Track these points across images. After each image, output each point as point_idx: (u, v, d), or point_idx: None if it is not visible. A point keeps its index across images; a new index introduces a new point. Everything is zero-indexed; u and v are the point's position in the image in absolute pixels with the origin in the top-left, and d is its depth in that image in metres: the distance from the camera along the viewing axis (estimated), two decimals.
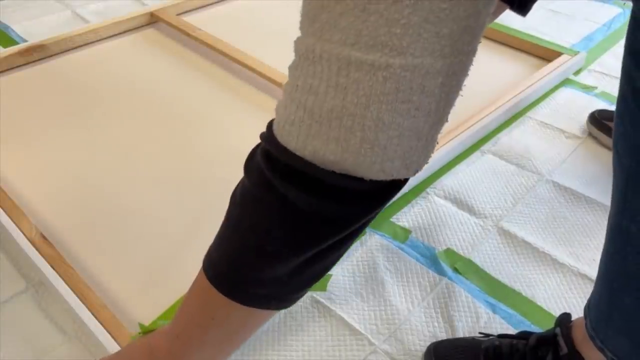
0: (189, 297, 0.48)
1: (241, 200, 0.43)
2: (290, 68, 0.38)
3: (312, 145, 0.36)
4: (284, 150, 0.37)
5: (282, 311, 0.73)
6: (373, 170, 0.36)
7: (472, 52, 0.35)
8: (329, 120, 0.35)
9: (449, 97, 0.36)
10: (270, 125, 0.40)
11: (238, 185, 0.44)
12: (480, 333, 0.68)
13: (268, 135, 0.40)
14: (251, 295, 0.43)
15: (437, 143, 0.39)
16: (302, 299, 0.73)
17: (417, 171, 0.38)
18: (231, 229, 0.44)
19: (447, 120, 0.38)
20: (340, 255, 0.44)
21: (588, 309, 0.55)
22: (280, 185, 0.38)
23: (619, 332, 0.50)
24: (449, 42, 0.33)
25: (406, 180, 0.39)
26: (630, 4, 0.46)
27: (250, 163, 0.42)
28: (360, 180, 0.36)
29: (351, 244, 0.43)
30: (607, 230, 0.50)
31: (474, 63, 0.37)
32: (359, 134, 0.35)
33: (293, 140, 0.37)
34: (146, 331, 0.67)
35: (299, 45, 0.37)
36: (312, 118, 0.36)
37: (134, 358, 0.53)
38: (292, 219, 0.39)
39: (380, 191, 0.39)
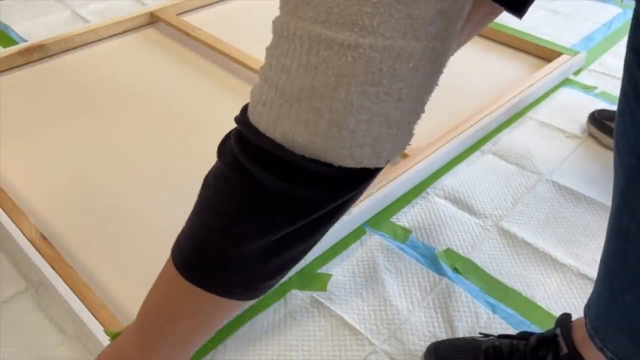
0: (155, 288, 0.48)
1: (212, 182, 0.42)
2: (267, 48, 0.37)
3: (282, 126, 0.35)
4: (256, 131, 0.37)
5: (282, 311, 0.73)
6: (341, 155, 0.35)
7: (447, 39, 0.34)
8: (298, 100, 0.34)
9: (422, 85, 0.34)
10: (245, 108, 0.40)
11: (211, 168, 0.43)
12: (480, 333, 0.68)
13: (241, 118, 0.39)
14: (215, 280, 0.42)
15: (414, 135, 0.37)
16: (302, 299, 0.74)
17: (388, 161, 0.37)
18: (198, 210, 0.43)
19: (423, 112, 0.36)
20: (310, 245, 0.43)
21: (588, 308, 0.55)
22: (249, 166, 0.38)
23: (619, 331, 0.50)
24: (421, 25, 0.32)
25: (378, 170, 0.38)
26: (631, 4, 0.46)
27: (224, 146, 0.42)
28: (329, 165, 0.36)
29: (321, 233, 0.42)
30: (608, 229, 0.50)
31: (475, 63, 0.36)
32: (327, 116, 0.34)
33: (264, 121, 0.36)
34: (114, 336, 0.65)
35: (275, 24, 0.36)
36: (282, 98, 0.35)
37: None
38: (259, 200, 0.39)
39: (350, 178, 0.38)
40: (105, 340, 0.65)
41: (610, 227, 0.49)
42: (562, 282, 0.78)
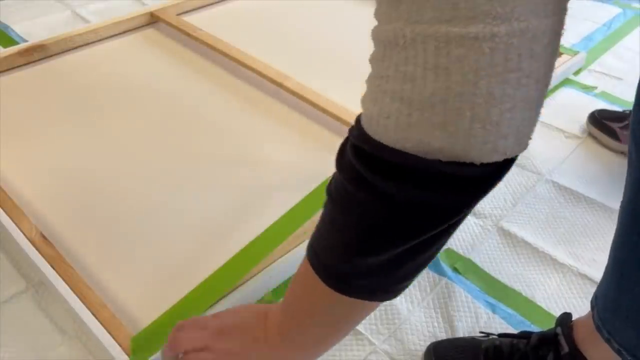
0: (296, 282, 0.48)
1: (336, 196, 0.41)
2: (374, 60, 0.35)
3: (414, 135, 0.34)
4: (380, 146, 0.35)
5: None
6: (485, 151, 0.34)
7: (566, 9, 0.34)
8: (431, 105, 0.33)
9: (552, 58, 0.34)
10: (358, 120, 0.38)
11: (332, 180, 0.42)
12: (481, 332, 0.68)
13: (358, 133, 0.37)
14: (354, 287, 0.42)
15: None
16: None
17: (526, 146, 0.36)
18: (329, 225, 0.43)
19: (549, 84, 0.35)
20: (444, 243, 0.42)
21: (595, 299, 0.54)
22: (378, 182, 0.36)
23: (627, 321, 0.50)
24: (551, 0, 0.31)
25: (515, 159, 0.37)
26: (631, 4, 0.47)
27: (342, 159, 0.40)
28: (470, 165, 0.34)
29: (455, 230, 0.41)
30: (619, 219, 0.49)
31: None
32: (468, 114, 0.32)
33: (391, 134, 0.34)
34: (137, 344, 0.65)
35: (382, 34, 0.34)
36: (411, 107, 0.33)
37: (247, 318, 0.52)
38: (391, 214, 0.38)
39: (491, 174, 0.37)
40: (105, 340, 0.65)
41: (622, 217, 0.48)
42: (562, 282, 0.78)
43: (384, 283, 0.43)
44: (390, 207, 0.37)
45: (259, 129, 1.03)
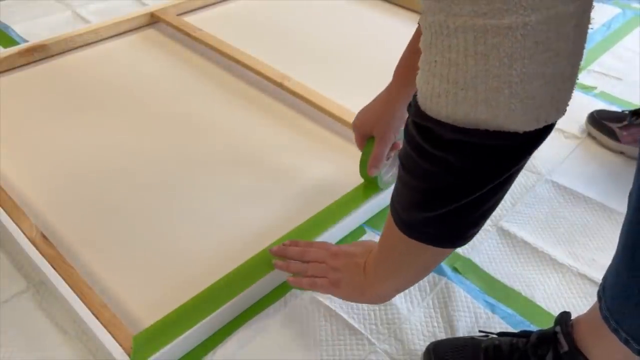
0: (385, 227, 0.58)
1: (404, 162, 0.49)
2: (424, 45, 0.41)
3: (461, 111, 0.39)
4: (434, 121, 0.42)
5: (282, 311, 0.73)
6: (524, 121, 0.39)
7: None
8: (474, 85, 0.38)
9: (582, 36, 0.39)
10: (415, 98, 0.44)
11: (402, 147, 0.49)
12: (480, 331, 0.68)
13: (416, 110, 0.44)
14: (424, 234, 0.51)
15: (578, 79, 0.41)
16: (302, 299, 0.74)
17: (564, 112, 0.41)
18: (401, 184, 0.51)
19: (583, 55, 0.40)
20: (502, 196, 0.48)
21: (603, 290, 0.54)
22: (433, 152, 0.44)
23: (637, 308, 0.50)
24: None
25: (555, 123, 0.42)
26: (630, 4, 0.49)
27: (407, 131, 0.47)
28: (514, 133, 0.39)
29: (509, 186, 0.48)
30: (629, 203, 0.51)
31: None
32: (506, 92, 0.37)
33: (442, 111, 0.41)
34: (139, 343, 0.65)
35: (429, 23, 0.39)
36: (457, 87, 0.39)
37: (358, 249, 0.67)
38: (448, 179, 0.45)
39: (533, 138, 0.41)
40: (105, 340, 0.65)
41: (633, 201, 0.50)
42: (562, 282, 0.78)
43: (450, 231, 0.50)
44: (447, 173, 0.44)
45: (259, 129, 1.03)
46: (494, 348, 0.63)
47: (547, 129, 0.41)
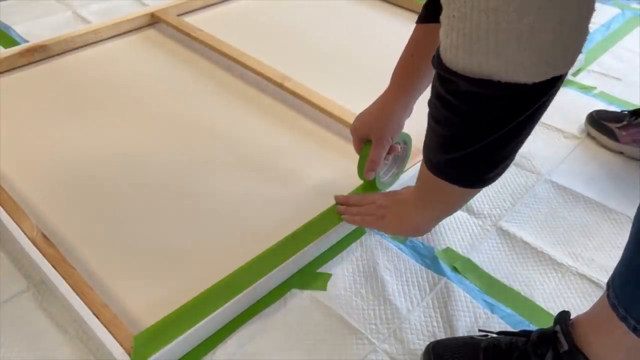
0: (420, 171, 0.65)
1: (430, 109, 0.55)
2: (445, 2, 0.44)
3: (475, 62, 0.43)
4: (453, 72, 0.46)
5: (282, 310, 0.73)
6: (533, 73, 0.42)
7: None
8: (486, 38, 0.41)
9: None
10: (438, 51, 0.48)
11: (431, 94, 0.55)
12: (480, 330, 0.68)
13: (438, 62, 0.48)
14: (449, 175, 0.58)
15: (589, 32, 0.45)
16: (302, 298, 0.74)
17: (572, 65, 0.45)
18: (428, 128, 0.57)
19: (594, 8, 0.43)
20: (522, 141, 0.53)
21: (613, 279, 0.54)
22: (453, 101, 0.49)
23: None
24: None
25: (565, 75, 0.46)
26: (630, 5, 0.52)
27: (433, 82, 0.53)
28: (524, 85, 0.43)
29: (528, 130, 0.52)
30: None
31: None
32: (515, 44, 0.40)
33: (459, 62, 0.45)
34: (139, 343, 0.65)
35: None
36: (471, 40, 0.42)
37: (404, 189, 0.78)
38: (466, 126, 0.51)
39: (543, 88, 0.45)
40: (106, 340, 0.65)
41: None
42: (561, 282, 0.78)
43: (470, 174, 0.57)
44: (464, 121, 0.50)
45: (259, 129, 1.03)
46: (494, 347, 0.63)
47: (556, 81, 0.44)
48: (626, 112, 1.02)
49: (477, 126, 0.50)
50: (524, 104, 0.47)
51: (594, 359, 0.56)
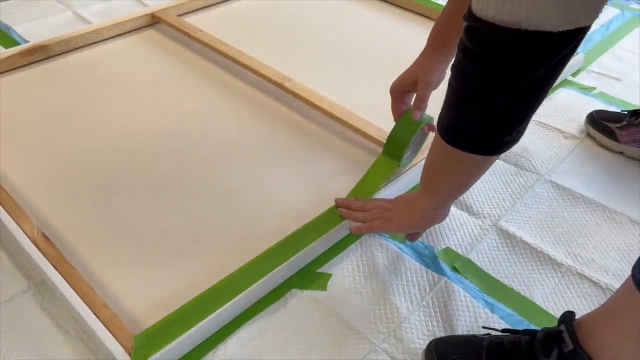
0: (431, 152, 0.68)
1: (452, 68, 0.57)
2: None
3: (506, 9, 0.47)
4: (483, 22, 0.49)
5: (282, 310, 0.73)
6: (559, 21, 0.46)
7: None
8: None
9: None
10: (469, 5, 0.51)
11: (454, 60, 0.57)
12: (484, 327, 0.68)
13: (469, 14, 0.51)
14: (465, 141, 0.59)
15: None
16: (302, 298, 0.74)
17: (596, 18, 0.47)
18: (447, 94, 0.59)
19: None
20: (541, 99, 0.55)
21: (638, 263, 0.54)
22: (477, 50, 0.52)
23: None
24: None
25: (588, 28, 0.49)
26: (629, 5, 0.54)
27: (459, 42, 0.55)
28: (549, 33, 0.46)
29: (549, 86, 0.54)
30: None
31: None
32: None
33: (490, 11, 0.48)
34: (140, 343, 0.65)
35: None
36: None
37: (408, 194, 0.78)
38: (490, 72, 0.53)
39: (565, 40, 0.48)
40: (106, 340, 0.65)
41: None
42: (561, 282, 0.79)
43: (487, 134, 0.58)
44: (489, 71, 0.53)
45: (260, 129, 1.03)
46: (497, 345, 0.63)
47: (579, 33, 0.48)
48: (626, 112, 1.02)
49: (501, 76, 0.52)
50: (548, 53, 0.49)
51: (599, 359, 0.56)
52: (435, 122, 0.71)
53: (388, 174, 0.88)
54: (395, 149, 0.88)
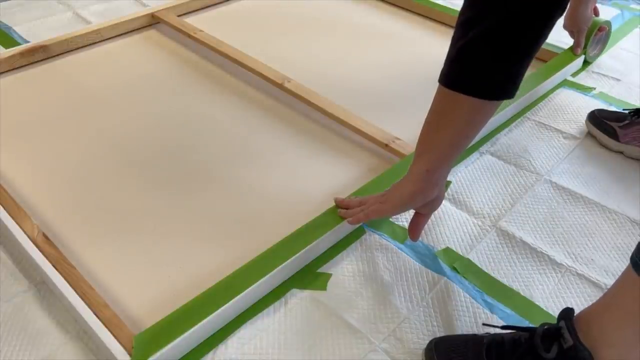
0: (429, 111, 0.66)
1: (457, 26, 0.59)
2: None
3: None
4: None
5: (282, 310, 0.73)
6: None
7: None
8: None
9: None
10: None
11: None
12: (484, 324, 0.68)
13: None
14: (466, 83, 0.59)
15: None
16: (302, 298, 0.74)
17: None
18: (450, 44, 0.60)
19: None
20: (534, 45, 0.58)
21: (637, 250, 0.55)
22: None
23: None
24: None
25: None
26: (629, 5, 0.55)
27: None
28: None
29: (543, 39, 0.59)
30: None
31: None
32: None
33: None
34: (140, 343, 0.66)
35: None
36: None
37: (410, 179, 0.71)
38: (488, 38, 0.56)
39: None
40: (107, 340, 0.65)
41: None
42: (560, 282, 0.79)
43: (481, 77, 0.59)
44: (490, 34, 0.56)
45: (259, 129, 1.04)
46: (497, 344, 0.63)
47: None
48: (627, 112, 1.02)
49: (500, 37, 0.55)
50: (543, 10, 0.54)
51: (598, 353, 0.57)
52: None
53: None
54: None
